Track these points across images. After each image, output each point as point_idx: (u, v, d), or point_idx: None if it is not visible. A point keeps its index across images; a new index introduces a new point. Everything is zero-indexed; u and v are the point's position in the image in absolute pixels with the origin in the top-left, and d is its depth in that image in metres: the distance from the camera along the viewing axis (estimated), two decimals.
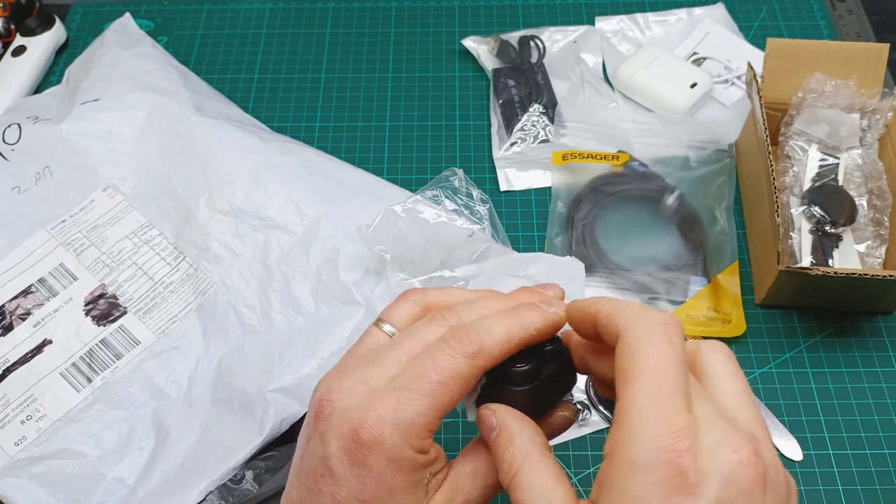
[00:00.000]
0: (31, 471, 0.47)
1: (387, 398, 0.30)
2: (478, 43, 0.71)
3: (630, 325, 0.29)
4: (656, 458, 0.25)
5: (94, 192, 0.58)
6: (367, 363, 0.32)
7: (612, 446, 0.27)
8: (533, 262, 0.39)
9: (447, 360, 0.30)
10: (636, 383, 0.27)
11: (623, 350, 0.28)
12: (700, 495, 0.25)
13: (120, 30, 0.69)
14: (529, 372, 0.32)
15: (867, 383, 0.54)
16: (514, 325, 0.32)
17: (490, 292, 0.35)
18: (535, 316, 0.33)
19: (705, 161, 0.62)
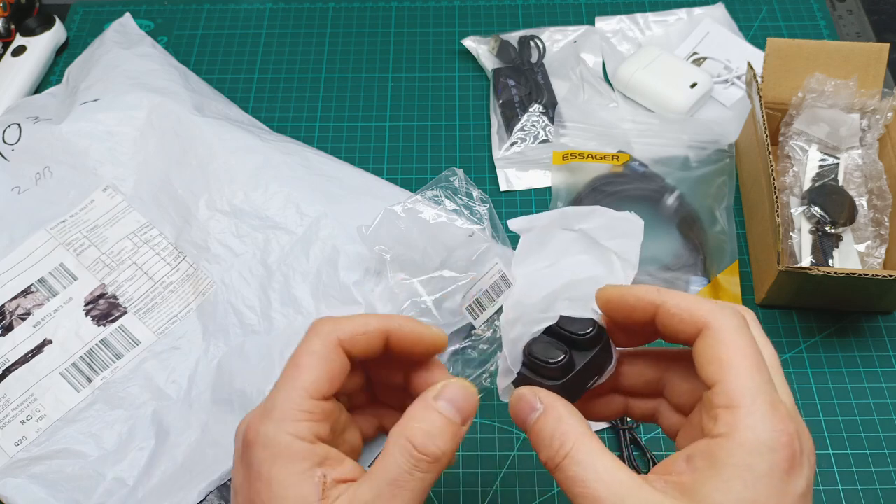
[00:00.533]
0: (31, 471, 0.47)
1: (264, 402, 0.32)
2: (478, 43, 0.71)
3: (720, 319, 0.30)
4: (778, 440, 0.28)
5: (94, 192, 0.58)
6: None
7: (728, 428, 0.28)
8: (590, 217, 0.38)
9: (303, 344, 0.33)
10: (742, 372, 0.29)
11: (717, 341, 0.30)
12: (803, 471, 0.28)
13: (120, 30, 0.69)
14: (564, 366, 0.33)
15: (867, 383, 0.54)
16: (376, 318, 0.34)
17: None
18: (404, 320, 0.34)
19: (705, 161, 0.62)
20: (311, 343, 0.32)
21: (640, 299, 0.32)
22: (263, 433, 0.31)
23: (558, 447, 0.30)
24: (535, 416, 0.31)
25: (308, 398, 0.31)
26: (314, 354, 0.32)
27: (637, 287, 0.33)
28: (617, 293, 0.33)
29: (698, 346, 0.30)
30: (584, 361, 0.33)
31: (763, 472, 0.28)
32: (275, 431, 0.30)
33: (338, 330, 0.33)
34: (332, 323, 0.33)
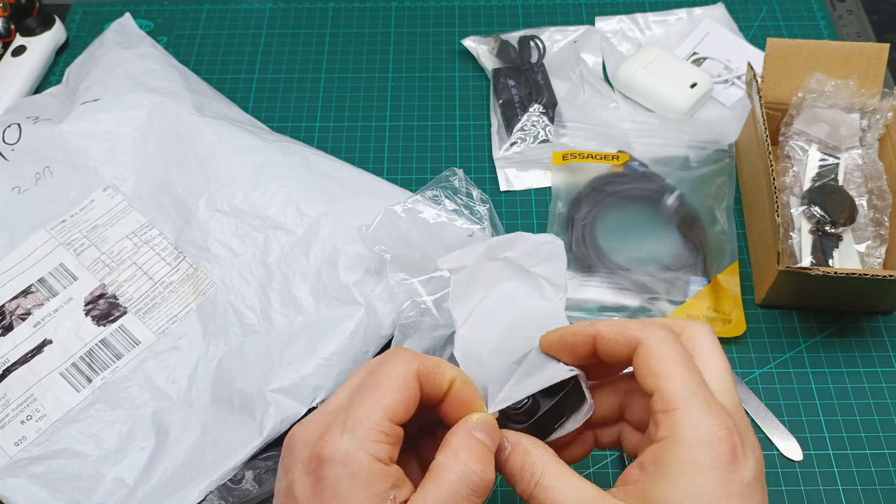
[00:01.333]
0: (31, 471, 0.47)
1: (339, 415, 0.32)
2: (478, 43, 0.71)
3: (647, 334, 0.33)
4: (716, 433, 0.30)
5: (93, 192, 0.58)
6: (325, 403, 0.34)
7: (668, 430, 0.31)
8: (513, 245, 0.40)
9: (385, 366, 0.33)
10: (675, 377, 0.32)
11: (648, 354, 0.33)
12: (747, 462, 0.30)
13: (120, 30, 0.69)
14: (528, 410, 0.35)
15: (867, 383, 0.54)
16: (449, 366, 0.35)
17: None
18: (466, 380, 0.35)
19: (705, 161, 0.62)
20: (394, 367, 0.33)
21: (576, 335, 0.35)
22: (344, 450, 0.31)
23: (528, 477, 0.33)
24: (505, 454, 0.34)
25: (387, 420, 0.32)
26: (397, 378, 0.33)
27: (573, 325, 0.36)
28: (556, 336, 0.36)
29: (635, 363, 0.33)
30: (549, 405, 0.35)
31: (706, 465, 0.30)
32: (356, 449, 0.31)
33: (418, 361, 0.33)
34: (412, 353, 0.34)
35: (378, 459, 0.31)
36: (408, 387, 0.33)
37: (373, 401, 0.32)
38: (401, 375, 0.33)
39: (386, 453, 0.32)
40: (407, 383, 0.33)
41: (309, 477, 0.31)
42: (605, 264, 0.57)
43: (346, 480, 0.30)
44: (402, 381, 0.33)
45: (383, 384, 0.32)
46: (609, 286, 0.57)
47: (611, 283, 0.57)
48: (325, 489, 0.30)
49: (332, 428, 0.31)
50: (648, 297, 0.56)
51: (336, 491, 0.30)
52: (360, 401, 0.32)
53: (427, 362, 0.34)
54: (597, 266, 0.57)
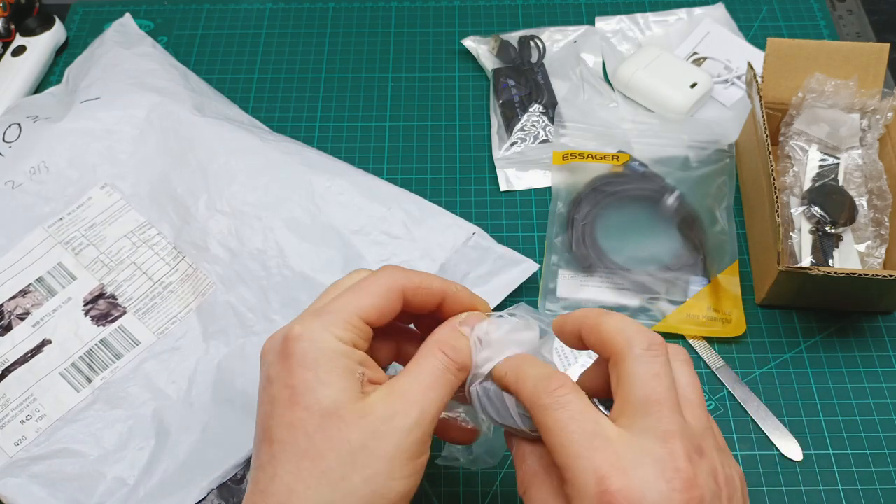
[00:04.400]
0: (31, 470, 0.47)
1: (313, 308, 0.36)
2: (478, 43, 0.71)
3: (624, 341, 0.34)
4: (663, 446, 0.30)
5: (91, 190, 0.58)
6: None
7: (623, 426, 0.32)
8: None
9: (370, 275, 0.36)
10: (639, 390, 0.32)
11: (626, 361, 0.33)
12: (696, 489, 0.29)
13: (120, 30, 0.69)
14: None
15: (867, 383, 0.54)
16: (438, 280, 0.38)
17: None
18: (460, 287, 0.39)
19: (705, 161, 0.62)
20: (379, 278, 0.36)
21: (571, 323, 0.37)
22: (310, 329, 0.34)
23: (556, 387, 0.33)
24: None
25: (358, 317, 0.35)
26: (379, 286, 0.36)
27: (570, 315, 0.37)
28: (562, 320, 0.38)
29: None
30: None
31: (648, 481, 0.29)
32: (322, 330, 0.34)
33: (405, 278, 0.36)
34: (402, 271, 0.37)
35: (343, 341, 0.34)
36: (387, 296, 0.36)
37: (348, 299, 0.35)
38: (383, 286, 0.36)
39: (351, 339, 0.34)
40: (388, 294, 0.36)
41: (279, 356, 0.34)
42: (605, 264, 0.57)
43: (313, 352, 0.33)
44: (382, 290, 0.36)
45: (364, 288, 0.35)
46: (609, 286, 0.57)
47: (611, 283, 0.57)
48: (293, 362, 0.33)
49: (304, 316, 0.35)
50: (648, 297, 0.56)
51: (303, 360, 0.33)
52: (337, 298, 0.35)
53: (414, 277, 0.37)
54: (597, 266, 0.57)
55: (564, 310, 0.56)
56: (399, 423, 0.32)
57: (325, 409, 0.32)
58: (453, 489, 0.50)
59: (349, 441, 0.32)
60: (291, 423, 0.32)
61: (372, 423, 0.32)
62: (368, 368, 0.35)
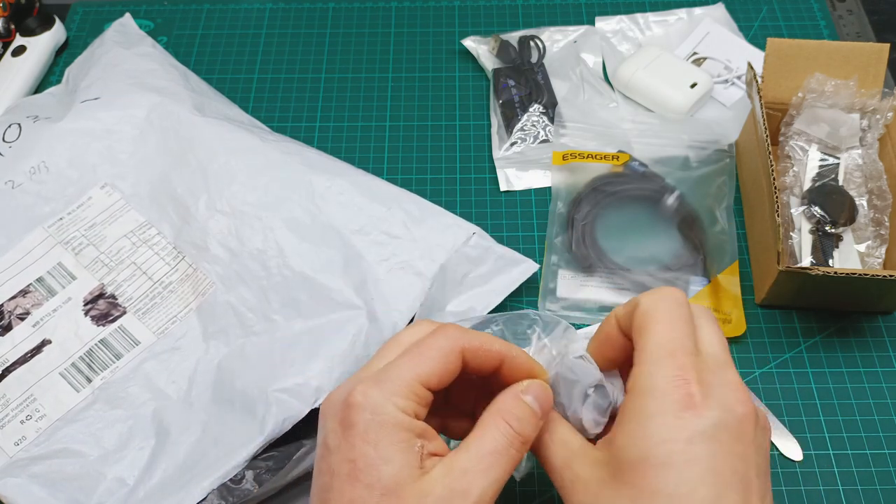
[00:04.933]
0: (31, 470, 0.47)
1: (374, 374, 0.34)
2: (478, 43, 0.71)
3: (644, 297, 0.36)
4: (669, 383, 0.32)
5: (91, 190, 0.58)
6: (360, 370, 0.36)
7: (632, 382, 0.34)
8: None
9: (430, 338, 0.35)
10: (648, 333, 0.34)
11: (638, 312, 0.35)
12: (703, 414, 0.32)
13: (120, 30, 0.69)
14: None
15: (867, 383, 0.54)
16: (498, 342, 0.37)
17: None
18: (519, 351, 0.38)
19: (705, 161, 0.62)
20: (439, 339, 0.35)
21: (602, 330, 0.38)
22: (373, 399, 0.33)
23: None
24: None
25: (419, 383, 0.34)
26: (439, 350, 0.35)
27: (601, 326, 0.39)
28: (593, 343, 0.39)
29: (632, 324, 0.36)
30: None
31: (655, 411, 0.32)
32: (384, 400, 0.33)
33: (465, 338, 0.35)
34: (461, 330, 0.36)
35: (404, 411, 0.33)
36: (448, 360, 0.35)
37: (409, 365, 0.34)
38: (444, 348, 0.35)
39: (412, 409, 0.34)
40: (448, 356, 0.35)
41: (340, 425, 0.33)
42: (605, 264, 0.57)
43: (374, 426, 0.32)
44: (443, 354, 0.35)
45: (424, 353, 0.34)
46: (609, 286, 0.57)
47: (611, 283, 0.57)
48: (354, 434, 0.32)
49: (365, 382, 0.34)
50: None
51: (365, 435, 0.32)
52: (400, 363, 0.34)
53: (474, 339, 0.36)
54: (597, 266, 0.57)
55: (564, 310, 0.56)
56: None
57: (386, 487, 0.32)
58: None
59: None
60: (351, 500, 0.32)
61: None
62: (428, 440, 0.34)
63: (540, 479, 0.50)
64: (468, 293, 0.54)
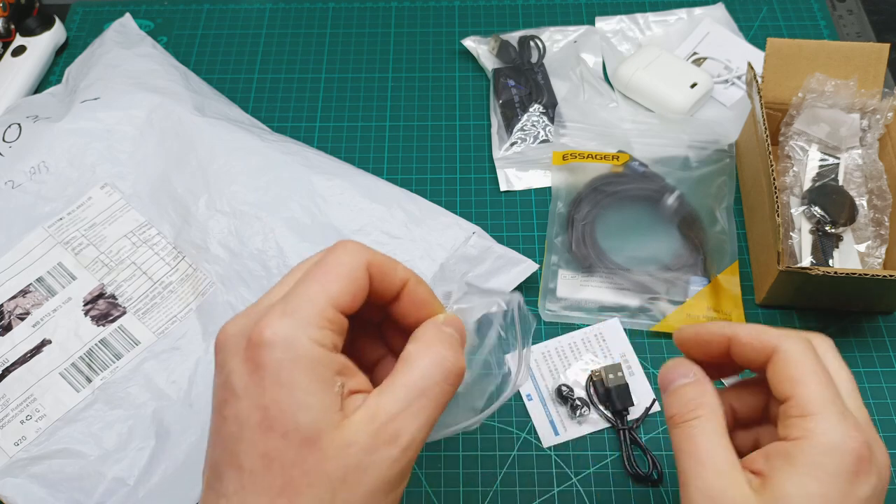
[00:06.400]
0: (31, 470, 0.47)
1: (278, 303, 0.30)
2: (478, 43, 0.71)
3: (786, 344, 0.34)
4: (848, 444, 0.31)
5: (91, 190, 0.58)
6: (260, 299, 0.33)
7: (801, 432, 0.32)
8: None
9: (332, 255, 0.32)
10: (812, 385, 0.33)
11: (787, 362, 0.34)
12: (869, 479, 0.32)
13: (120, 30, 0.69)
14: None
15: (867, 383, 0.54)
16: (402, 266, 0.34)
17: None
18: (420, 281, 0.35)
19: (705, 161, 0.62)
20: (342, 255, 0.32)
21: (713, 334, 0.36)
22: (283, 333, 0.29)
23: (692, 408, 0.34)
24: (685, 381, 0.36)
25: (331, 307, 0.30)
26: (344, 266, 0.31)
27: (710, 324, 0.37)
28: (692, 332, 0.37)
29: (771, 369, 0.34)
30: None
31: (832, 471, 0.31)
32: (296, 333, 0.29)
33: (369, 252, 0.32)
34: (362, 246, 0.32)
35: (321, 345, 0.29)
36: (356, 276, 0.31)
37: (316, 287, 0.30)
38: (349, 264, 0.31)
39: (329, 340, 0.30)
40: (355, 272, 0.31)
41: (247, 365, 0.29)
42: (605, 264, 0.57)
43: (288, 365, 0.29)
44: (349, 270, 0.31)
45: (330, 271, 0.31)
46: (609, 286, 0.57)
47: (611, 283, 0.57)
48: (265, 376, 0.29)
49: (271, 313, 0.30)
50: (648, 297, 0.56)
51: (277, 376, 0.29)
52: (303, 288, 0.30)
53: (379, 256, 0.32)
54: (597, 266, 0.57)
55: (564, 310, 0.56)
56: (384, 454, 0.29)
57: (304, 436, 0.28)
58: (453, 489, 0.50)
59: (328, 475, 0.28)
60: (266, 454, 0.28)
61: (354, 455, 0.29)
62: (348, 377, 0.30)
63: (540, 479, 0.50)
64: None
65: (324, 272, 0.31)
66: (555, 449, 0.51)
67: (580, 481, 0.50)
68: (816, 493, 0.31)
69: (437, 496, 0.49)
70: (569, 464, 0.50)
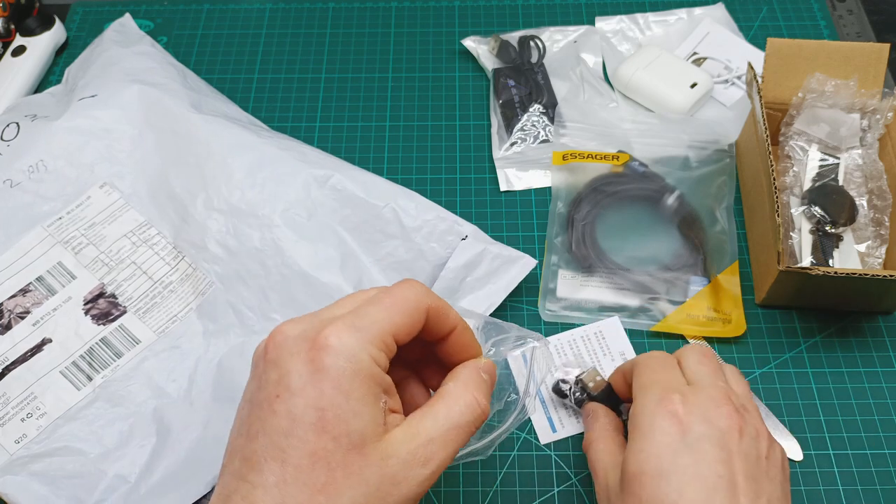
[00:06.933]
0: (32, 468, 0.47)
1: (344, 318, 0.32)
2: (478, 43, 0.71)
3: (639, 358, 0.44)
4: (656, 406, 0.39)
5: (90, 189, 0.58)
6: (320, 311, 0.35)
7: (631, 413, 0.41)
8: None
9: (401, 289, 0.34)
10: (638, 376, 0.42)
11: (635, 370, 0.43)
12: (687, 429, 0.38)
13: (119, 30, 0.69)
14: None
15: (867, 383, 0.54)
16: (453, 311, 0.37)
17: None
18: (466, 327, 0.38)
19: (705, 161, 0.62)
20: (409, 292, 0.34)
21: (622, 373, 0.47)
22: (350, 345, 0.31)
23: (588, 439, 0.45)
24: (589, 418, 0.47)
25: (390, 334, 0.33)
26: (409, 302, 0.34)
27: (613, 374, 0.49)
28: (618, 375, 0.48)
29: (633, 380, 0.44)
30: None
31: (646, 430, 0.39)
32: (360, 347, 0.31)
33: (430, 296, 0.35)
34: (427, 290, 0.35)
35: (377, 363, 0.32)
36: (417, 313, 0.34)
37: (385, 313, 0.33)
38: (413, 301, 0.34)
39: (383, 361, 0.33)
40: (416, 310, 0.34)
41: (308, 367, 0.31)
42: (605, 264, 0.57)
43: (349, 374, 0.31)
44: (413, 306, 0.34)
45: (398, 302, 0.34)
46: (609, 286, 0.57)
47: (611, 283, 0.57)
48: (325, 379, 0.31)
49: (338, 324, 0.32)
50: (648, 297, 0.56)
51: (338, 382, 0.31)
52: (372, 310, 0.33)
53: (438, 300, 0.35)
54: (597, 266, 0.57)
55: (564, 310, 0.56)
56: (417, 472, 0.32)
57: (353, 442, 0.31)
58: (453, 489, 0.50)
59: (367, 480, 0.31)
60: (314, 452, 0.30)
61: (392, 468, 0.31)
62: (390, 396, 0.33)
63: (540, 479, 0.50)
64: (469, 296, 0.54)
65: (392, 302, 0.34)
66: (555, 449, 0.51)
67: (580, 481, 0.50)
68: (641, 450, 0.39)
69: (437, 496, 0.49)
70: (569, 464, 0.50)
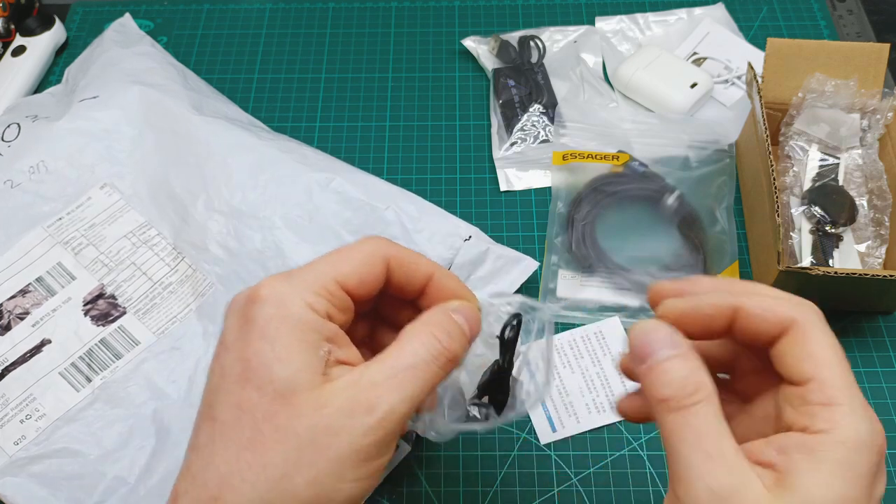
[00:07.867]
0: (31, 470, 0.47)
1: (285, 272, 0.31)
2: (478, 43, 0.71)
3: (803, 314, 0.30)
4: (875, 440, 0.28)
5: (90, 190, 0.58)
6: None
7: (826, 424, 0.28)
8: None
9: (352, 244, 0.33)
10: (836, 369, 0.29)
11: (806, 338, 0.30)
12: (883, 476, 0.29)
13: (119, 30, 0.69)
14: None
15: (867, 383, 0.53)
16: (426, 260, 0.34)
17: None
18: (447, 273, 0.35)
19: (705, 161, 0.62)
20: (363, 245, 0.33)
21: (714, 306, 0.31)
22: (279, 291, 0.30)
23: (691, 391, 0.28)
24: (671, 353, 0.30)
25: (335, 282, 0.31)
26: (361, 253, 0.32)
27: (709, 296, 0.31)
28: (688, 306, 0.32)
29: (785, 344, 0.30)
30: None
31: (863, 471, 0.27)
32: (291, 294, 0.30)
33: (392, 248, 0.33)
34: (388, 241, 0.33)
35: (314, 310, 0.30)
36: (370, 262, 0.32)
37: (324, 265, 0.31)
38: (365, 252, 0.32)
39: (323, 307, 0.30)
40: (370, 259, 0.32)
41: (239, 318, 0.30)
42: (605, 264, 0.57)
43: (276, 321, 0.29)
44: (364, 256, 0.32)
45: (343, 255, 0.32)
46: (609, 286, 0.57)
47: (611, 283, 0.57)
48: (252, 329, 0.29)
49: (274, 277, 0.31)
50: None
51: (264, 330, 0.29)
52: (317, 262, 0.32)
53: (402, 251, 0.33)
54: (597, 266, 0.57)
55: (564, 310, 0.56)
56: (359, 420, 0.28)
57: (278, 391, 0.28)
58: (453, 489, 0.50)
59: (298, 434, 0.28)
60: (239, 405, 0.28)
61: (327, 417, 0.28)
62: (339, 346, 0.31)
63: (540, 479, 0.50)
64: None
65: (338, 254, 0.32)
66: (555, 449, 0.51)
67: (580, 481, 0.50)
68: (844, 496, 0.27)
69: (437, 496, 0.49)
70: (569, 464, 0.50)
